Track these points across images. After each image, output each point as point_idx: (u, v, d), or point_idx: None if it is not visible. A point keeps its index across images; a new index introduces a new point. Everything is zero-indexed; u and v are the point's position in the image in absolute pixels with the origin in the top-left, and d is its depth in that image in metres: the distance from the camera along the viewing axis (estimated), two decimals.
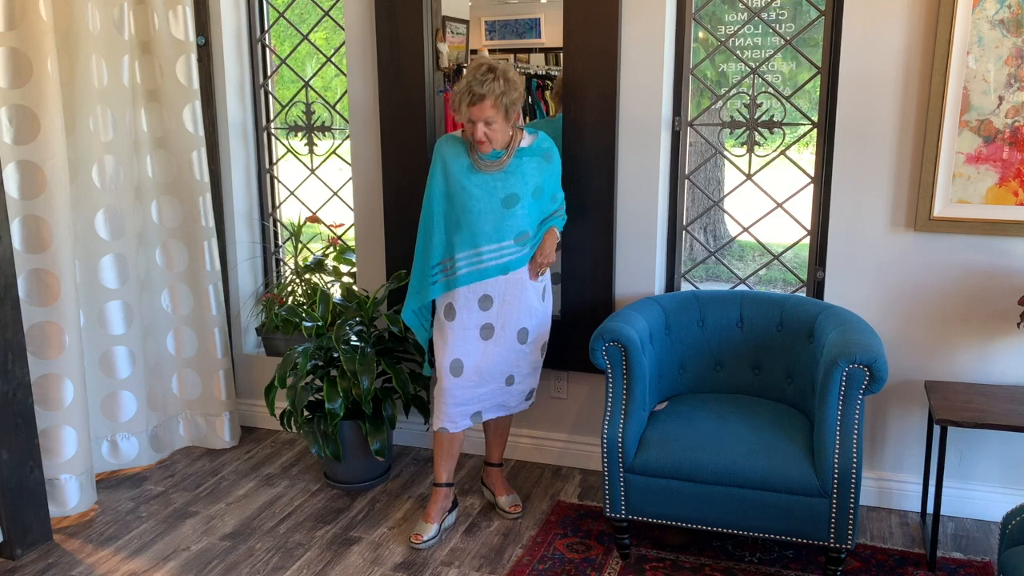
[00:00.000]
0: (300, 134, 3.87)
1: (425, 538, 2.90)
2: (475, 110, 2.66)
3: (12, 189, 2.93)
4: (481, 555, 2.87)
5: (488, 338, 2.88)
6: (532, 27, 3.43)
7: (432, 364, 3.04)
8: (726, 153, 3.35)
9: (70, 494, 3.11)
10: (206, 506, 3.24)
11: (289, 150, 3.98)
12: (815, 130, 3.08)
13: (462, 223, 2.79)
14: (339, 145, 3.85)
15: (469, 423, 2.95)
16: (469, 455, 3.64)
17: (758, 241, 3.39)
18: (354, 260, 3.74)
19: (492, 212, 2.77)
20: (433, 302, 2.95)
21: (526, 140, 2.85)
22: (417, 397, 3.32)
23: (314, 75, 3.84)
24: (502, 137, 2.75)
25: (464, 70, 3.50)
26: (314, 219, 3.86)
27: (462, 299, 2.83)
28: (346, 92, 3.59)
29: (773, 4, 3.17)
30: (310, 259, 3.83)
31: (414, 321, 2.97)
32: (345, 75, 3.58)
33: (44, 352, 3.03)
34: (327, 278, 3.77)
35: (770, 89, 3.15)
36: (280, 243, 4.02)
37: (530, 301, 2.91)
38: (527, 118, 3.67)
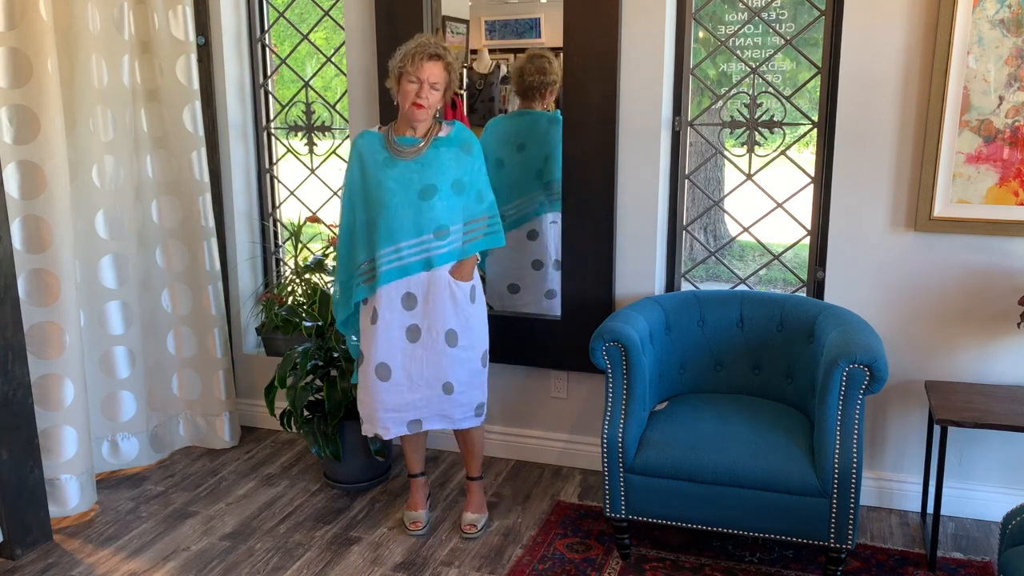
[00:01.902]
0: (300, 134, 3.87)
1: (422, 524, 3.00)
2: (429, 66, 2.64)
3: (12, 189, 2.93)
4: (481, 555, 2.87)
5: (415, 340, 2.80)
6: (532, 27, 3.43)
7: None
8: (726, 153, 3.35)
9: (70, 494, 3.11)
10: (206, 506, 3.24)
11: (289, 150, 3.98)
12: (815, 130, 3.08)
13: (379, 219, 2.72)
14: (339, 145, 3.85)
15: (405, 430, 2.87)
16: None
17: (758, 241, 3.39)
18: None
19: (409, 205, 2.70)
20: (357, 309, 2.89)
21: (444, 131, 2.78)
22: None
23: (314, 75, 3.84)
24: (432, 110, 2.72)
25: (464, 70, 3.51)
26: (314, 219, 3.86)
27: (384, 299, 2.77)
28: (346, 92, 3.59)
29: (773, 4, 3.17)
30: (310, 259, 3.83)
31: (348, 333, 2.92)
32: (345, 75, 3.58)
33: (44, 352, 3.03)
34: (327, 278, 3.77)
35: (770, 89, 3.15)
36: (280, 243, 4.02)
37: (458, 301, 2.80)
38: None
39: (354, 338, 2.94)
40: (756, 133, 3.17)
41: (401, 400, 2.82)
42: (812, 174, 3.11)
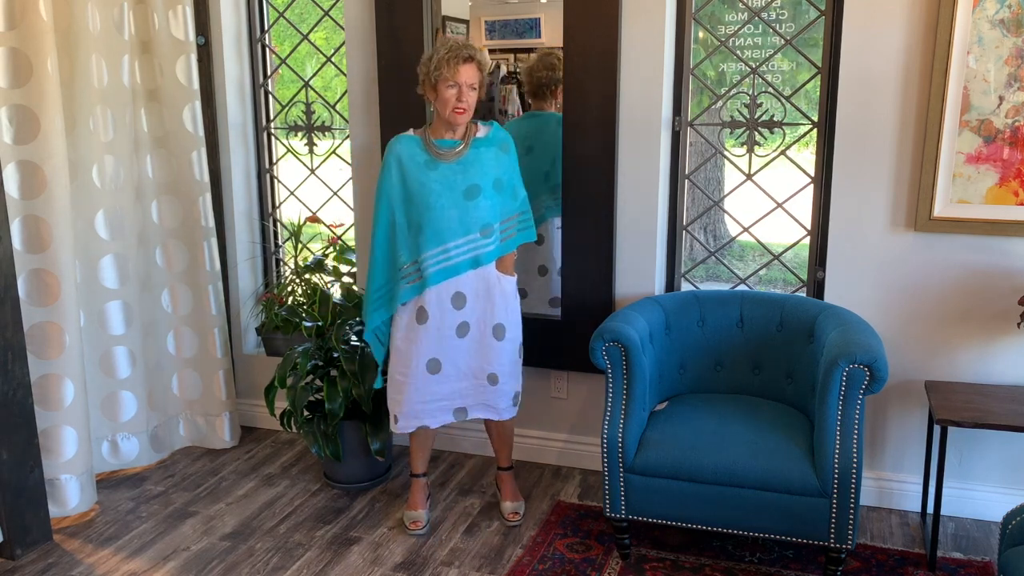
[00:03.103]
0: (300, 134, 3.87)
1: (422, 524, 3.01)
2: (465, 69, 2.67)
3: (12, 189, 2.93)
4: (481, 555, 2.87)
5: (464, 336, 2.86)
6: (532, 27, 3.43)
7: (384, 374, 3.00)
8: (726, 153, 3.35)
9: (70, 494, 3.11)
10: (206, 506, 3.24)
11: (289, 150, 3.98)
12: (815, 130, 3.08)
13: (424, 222, 2.75)
14: (339, 145, 3.85)
15: (451, 418, 2.92)
16: (469, 455, 3.64)
17: (758, 241, 3.39)
18: (354, 260, 3.74)
19: (455, 206, 2.75)
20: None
21: (482, 131, 2.83)
22: None
23: (314, 75, 3.84)
24: (472, 111, 2.74)
25: None
26: (314, 219, 3.86)
27: (434, 300, 2.80)
28: (346, 92, 3.59)
29: (773, 4, 3.17)
30: (310, 259, 3.83)
31: (375, 339, 2.92)
32: (345, 75, 3.58)
33: (44, 352, 3.03)
34: (327, 278, 3.77)
35: (770, 89, 3.15)
36: (280, 243, 4.02)
37: (507, 295, 2.88)
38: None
39: (382, 345, 2.93)
40: (756, 133, 3.17)
41: (449, 388, 2.88)
42: (812, 174, 3.11)
